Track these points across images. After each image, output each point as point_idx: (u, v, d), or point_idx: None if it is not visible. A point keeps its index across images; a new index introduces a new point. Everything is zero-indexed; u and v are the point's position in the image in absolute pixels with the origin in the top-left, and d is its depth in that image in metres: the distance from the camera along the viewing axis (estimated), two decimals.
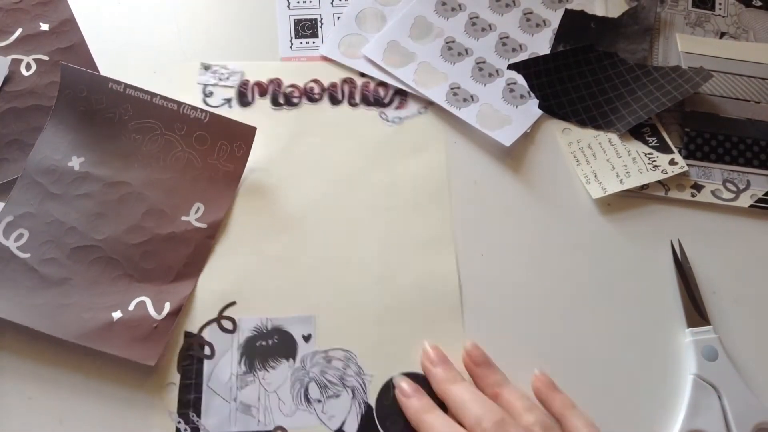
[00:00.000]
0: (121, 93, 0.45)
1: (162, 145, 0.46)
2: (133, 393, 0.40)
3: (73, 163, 0.44)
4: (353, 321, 0.42)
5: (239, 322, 0.42)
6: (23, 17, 0.49)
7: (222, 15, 0.53)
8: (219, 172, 0.45)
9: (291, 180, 0.47)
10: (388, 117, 0.49)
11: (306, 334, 0.42)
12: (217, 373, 0.40)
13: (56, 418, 0.39)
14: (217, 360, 0.41)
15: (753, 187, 0.48)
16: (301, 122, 0.49)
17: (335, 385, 0.41)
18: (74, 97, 0.45)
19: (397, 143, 0.48)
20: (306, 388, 0.40)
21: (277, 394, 0.40)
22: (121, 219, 0.43)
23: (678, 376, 0.42)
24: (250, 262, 0.44)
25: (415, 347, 0.42)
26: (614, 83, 0.51)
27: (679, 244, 0.46)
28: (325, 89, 0.50)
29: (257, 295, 0.43)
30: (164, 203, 0.44)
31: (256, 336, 0.42)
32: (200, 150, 0.46)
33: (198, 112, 0.45)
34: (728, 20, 0.55)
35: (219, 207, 0.45)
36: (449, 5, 0.54)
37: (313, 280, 0.44)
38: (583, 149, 0.49)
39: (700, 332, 0.43)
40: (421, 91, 0.50)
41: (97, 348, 0.39)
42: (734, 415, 0.40)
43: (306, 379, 0.41)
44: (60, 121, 0.45)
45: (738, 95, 0.51)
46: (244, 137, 0.46)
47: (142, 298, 0.41)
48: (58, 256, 0.42)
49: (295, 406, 0.40)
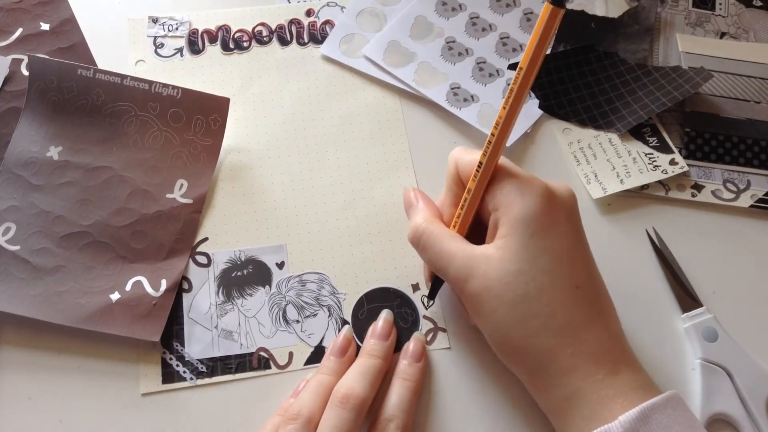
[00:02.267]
0: (91, 78, 0.45)
1: (138, 126, 0.46)
2: (133, 393, 0.40)
3: (51, 153, 0.45)
4: (323, 245, 0.45)
5: (213, 256, 0.44)
6: (24, 17, 0.49)
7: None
8: (198, 147, 0.46)
9: (250, 120, 0.48)
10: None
11: (279, 261, 0.44)
12: (196, 304, 0.42)
13: (56, 418, 0.39)
14: (195, 292, 0.42)
15: (753, 187, 0.48)
16: (253, 65, 0.51)
17: (311, 305, 0.43)
18: (45, 87, 0.45)
19: (348, 78, 0.50)
20: (284, 310, 0.42)
21: (257, 319, 0.42)
22: (106, 203, 0.44)
23: (685, 365, 0.42)
24: (218, 199, 0.45)
25: (382, 264, 0.44)
26: (614, 83, 0.51)
27: (655, 232, 0.46)
28: (273, 31, 0.52)
29: (228, 230, 0.45)
30: (147, 183, 0.45)
31: (231, 267, 0.43)
32: (176, 127, 0.46)
33: (170, 89, 0.46)
34: (728, 20, 0.55)
35: (202, 181, 0.46)
36: (450, 5, 0.54)
37: (282, 212, 0.45)
38: (584, 149, 0.49)
39: (695, 315, 0.43)
40: (422, 91, 0.50)
41: (99, 330, 0.39)
42: (747, 391, 0.40)
43: (283, 302, 0.43)
44: (34, 114, 0.45)
45: (738, 95, 0.51)
46: (218, 109, 0.46)
47: (137, 278, 0.42)
48: (48, 246, 0.42)
49: (275, 328, 0.42)
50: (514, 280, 0.34)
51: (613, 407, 0.32)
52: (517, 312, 0.34)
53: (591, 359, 0.33)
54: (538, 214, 0.34)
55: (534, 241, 0.34)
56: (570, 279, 0.34)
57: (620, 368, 0.33)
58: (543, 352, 0.34)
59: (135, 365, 0.40)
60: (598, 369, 0.33)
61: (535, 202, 0.35)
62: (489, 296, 0.34)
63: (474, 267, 0.35)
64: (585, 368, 0.33)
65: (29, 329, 0.40)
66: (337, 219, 0.45)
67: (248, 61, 0.51)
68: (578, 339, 0.33)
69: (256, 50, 0.51)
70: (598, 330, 0.34)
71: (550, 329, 0.34)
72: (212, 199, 0.45)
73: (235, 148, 0.47)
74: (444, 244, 0.37)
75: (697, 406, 0.40)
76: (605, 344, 0.34)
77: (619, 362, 0.34)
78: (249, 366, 0.41)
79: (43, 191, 0.44)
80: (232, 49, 0.51)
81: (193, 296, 0.42)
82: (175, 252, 0.43)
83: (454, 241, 0.37)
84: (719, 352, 0.42)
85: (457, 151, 0.39)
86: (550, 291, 0.34)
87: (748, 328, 0.43)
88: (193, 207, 0.45)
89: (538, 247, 0.34)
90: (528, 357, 0.35)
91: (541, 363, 0.34)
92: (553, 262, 0.34)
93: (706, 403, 0.40)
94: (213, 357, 0.41)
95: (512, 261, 0.34)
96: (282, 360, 0.41)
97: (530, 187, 0.35)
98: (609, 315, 0.36)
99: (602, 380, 0.33)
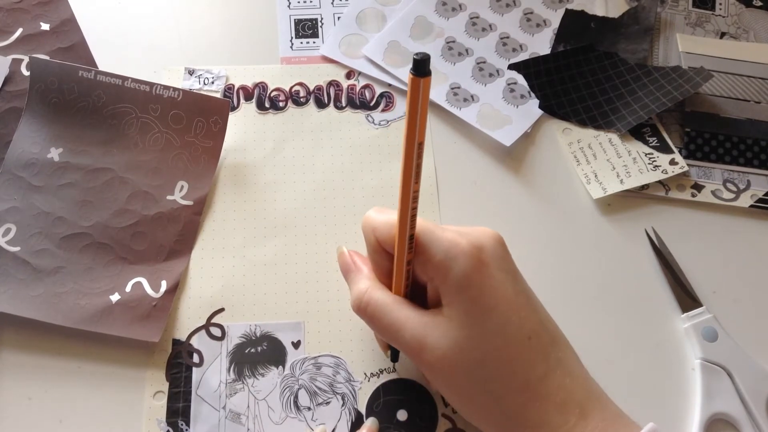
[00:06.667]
0: (92, 80, 0.45)
1: (139, 128, 0.46)
2: (132, 394, 0.40)
3: (52, 154, 0.45)
4: (342, 327, 0.42)
5: (228, 329, 0.42)
6: (24, 17, 0.49)
7: (222, 14, 0.53)
8: (198, 149, 0.46)
9: (278, 185, 0.47)
10: (375, 120, 0.49)
11: (295, 340, 0.42)
12: (206, 380, 0.40)
13: (56, 418, 0.39)
14: (206, 368, 0.41)
15: (753, 187, 0.48)
16: (288, 126, 0.49)
17: (325, 392, 0.40)
18: (46, 89, 0.45)
19: (384, 146, 0.48)
20: (296, 395, 0.40)
21: (267, 402, 0.40)
22: (106, 204, 0.44)
23: (685, 365, 0.42)
24: (238, 268, 0.44)
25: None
26: (614, 83, 0.51)
27: (654, 232, 0.46)
28: (310, 92, 0.50)
29: (245, 302, 0.43)
30: (148, 185, 0.45)
31: (245, 343, 0.41)
32: (177, 129, 0.46)
33: (171, 91, 0.46)
34: (728, 20, 0.55)
35: (202, 183, 0.45)
36: (450, 5, 0.54)
37: (302, 286, 0.43)
38: (584, 149, 0.49)
39: (695, 315, 0.43)
40: None
41: (99, 331, 0.39)
42: (747, 391, 0.40)
43: (296, 386, 0.41)
44: (34, 115, 0.45)
45: (738, 95, 0.51)
46: (219, 112, 0.46)
47: (137, 279, 0.42)
48: (48, 247, 0.42)
49: (285, 414, 0.40)
50: (467, 345, 0.33)
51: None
52: (476, 378, 0.33)
53: (558, 409, 0.32)
54: (471, 277, 0.33)
55: (475, 304, 0.33)
56: (521, 331, 0.33)
57: (588, 410, 0.33)
58: (510, 412, 0.33)
59: (135, 366, 0.40)
60: (567, 417, 0.32)
61: (466, 264, 0.33)
62: (445, 365, 0.33)
63: (426, 336, 0.34)
64: (555, 420, 0.32)
65: (29, 330, 0.40)
66: None
67: (283, 122, 0.49)
68: (543, 391, 0.33)
69: (291, 111, 0.49)
70: (559, 376, 0.33)
71: (513, 389, 0.33)
72: (232, 270, 0.43)
73: (264, 213, 0.45)
74: (392, 314, 0.35)
75: (697, 406, 0.40)
76: (569, 389, 0.33)
77: (586, 403, 0.33)
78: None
79: (44, 192, 0.44)
80: (267, 108, 0.49)
81: (203, 371, 0.40)
82: (176, 253, 0.43)
83: (402, 308, 0.35)
84: (719, 352, 0.42)
85: (372, 217, 0.36)
86: (505, 350, 0.33)
87: (748, 328, 0.43)
88: (193, 209, 0.45)
89: (482, 309, 0.33)
90: (495, 419, 0.34)
91: (510, 422, 0.33)
92: (500, 319, 0.33)
93: (706, 403, 0.40)
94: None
95: (461, 328, 0.33)
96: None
97: (456, 250, 0.33)
98: (568, 356, 0.35)
99: (574, 426, 0.32)
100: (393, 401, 0.40)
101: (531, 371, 0.33)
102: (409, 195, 0.32)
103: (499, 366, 0.33)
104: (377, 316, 0.35)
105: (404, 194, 0.32)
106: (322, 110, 0.50)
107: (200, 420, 0.39)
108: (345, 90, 0.50)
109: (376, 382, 0.41)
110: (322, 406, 0.40)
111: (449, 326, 0.33)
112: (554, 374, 0.33)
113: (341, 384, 0.41)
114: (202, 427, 0.39)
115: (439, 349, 0.33)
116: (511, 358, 0.33)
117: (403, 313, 0.35)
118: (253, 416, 0.40)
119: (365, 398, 0.40)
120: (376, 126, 0.49)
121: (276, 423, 0.40)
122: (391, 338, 0.36)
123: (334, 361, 0.41)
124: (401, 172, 0.31)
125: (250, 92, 0.50)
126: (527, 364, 0.33)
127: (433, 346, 0.33)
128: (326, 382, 0.41)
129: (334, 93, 0.50)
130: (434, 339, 0.33)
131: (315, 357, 0.41)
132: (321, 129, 0.49)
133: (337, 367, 0.41)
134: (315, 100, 0.50)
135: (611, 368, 0.42)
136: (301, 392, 0.40)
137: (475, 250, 0.33)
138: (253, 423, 0.39)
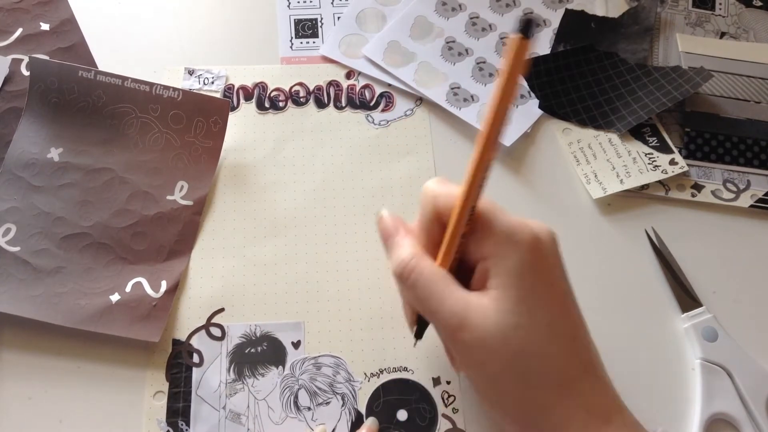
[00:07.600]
0: (92, 80, 0.45)
1: (139, 128, 0.46)
2: (132, 394, 0.40)
3: (52, 154, 0.45)
4: (343, 327, 0.42)
5: (228, 329, 0.42)
6: (24, 17, 0.49)
7: (222, 14, 0.53)
8: (198, 149, 0.46)
9: (278, 185, 0.47)
10: (375, 120, 0.49)
11: (295, 340, 0.42)
12: (206, 380, 0.40)
13: (56, 417, 0.39)
14: (206, 368, 0.41)
15: (753, 187, 0.48)
16: (288, 126, 0.49)
17: (325, 392, 0.40)
18: (46, 89, 0.45)
19: (384, 146, 0.48)
20: (296, 395, 0.40)
21: (267, 402, 0.40)
22: (106, 204, 0.44)
23: (685, 365, 0.42)
24: (238, 268, 0.44)
25: (403, 353, 0.42)
26: (614, 83, 0.51)
27: (654, 232, 0.46)
28: (310, 92, 0.50)
29: (245, 302, 0.43)
30: (148, 185, 0.45)
31: (244, 343, 0.41)
32: (177, 129, 0.46)
33: (171, 91, 0.46)
34: (728, 20, 0.55)
35: (202, 183, 0.45)
36: (449, 5, 0.54)
37: (302, 286, 0.43)
38: (584, 149, 0.49)
39: (695, 315, 0.43)
40: (422, 91, 0.50)
41: (99, 331, 0.39)
42: (747, 391, 0.40)
43: (295, 386, 0.41)
44: (34, 115, 0.45)
45: (738, 95, 0.51)
46: (219, 112, 0.46)
47: (137, 279, 0.42)
48: (48, 247, 0.42)
49: (285, 414, 0.40)
50: (513, 334, 0.32)
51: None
52: (515, 368, 0.32)
53: (585, 410, 0.32)
54: (531, 267, 0.33)
55: (530, 294, 0.33)
56: (568, 331, 0.33)
57: (612, 415, 0.33)
58: (539, 406, 0.33)
59: (135, 366, 0.40)
60: (592, 420, 0.32)
61: (528, 253, 0.33)
62: (484, 349, 0.33)
63: (467, 316, 0.33)
64: (580, 421, 0.32)
65: (29, 330, 0.40)
66: (360, 299, 0.43)
67: (283, 122, 0.49)
68: (575, 392, 0.33)
69: (291, 111, 0.49)
70: (592, 379, 0.33)
71: (548, 385, 0.32)
72: (232, 270, 0.43)
73: (264, 213, 0.45)
74: (436, 285, 0.34)
75: (697, 406, 0.40)
76: (599, 393, 0.33)
77: (611, 409, 0.33)
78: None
79: (44, 192, 0.44)
80: (267, 108, 0.49)
81: (203, 371, 0.40)
82: (176, 253, 0.43)
83: (447, 282, 0.34)
84: (719, 352, 0.42)
85: (432, 187, 0.36)
86: (549, 346, 0.33)
87: (748, 328, 0.43)
88: (193, 209, 0.45)
89: (535, 301, 0.33)
90: (521, 411, 0.33)
91: (536, 417, 0.33)
92: (551, 315, 0.33)
93: (706, 403, 0.40)
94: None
95: (509, 315, 0.32)
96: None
97: (520, 236, 0.33)
98: (599, 362, 0.35)
99: (597, 430, 0.32)
100: (393, 401, 0.40)
101: (567, 371, 0.33)
102: (484, 163, 0.31)
103: (539, 361, 0.32)
104: (420, 285, 0.34)
105: (480, 162, 0.31)
106: (322, 110, 0.50)
107: (200, 420, 0.39)
108: (345, 90, 0.50)
109: (376, 382, 0.41)
110: (322, 406, 0.40)
111: (496, 309, 0.32)
112: (589, 376, 0.33)
113: (341, 384, 0.41)
114: (202, 427, 0.39)
115: (481, 330, 0.32)
116: (553, 355, 0.33)
117: (447, 287, 0.34)
118: (253, 416, 0.40)
119: (365, 398, 0.40)
120: (376, 126, 0.49)
121: (276, 423, 0.40)
122: (429, 310, 0.34)
123: (334, 361, 0.41)
124: (480, 140, 0.30)
125: (250, 92, 0.50)
126: (567, 363, 0.33)
127: (474, 326, 0.32)
128: (326, 382, 0.41)
129: (334, 93, 0.50)
130: (476, 320, 0.32)
131: (315, 357, 0.41)
132: (321, 129, 0.49)
133: (337, 367, 0.41)
134: (315, 100, 0.50)
135: (611, 368, 0.42)
136: (301, 392, 0.40)
137: (537, 241, 0.33)
138: (253, 423, 0.39)
